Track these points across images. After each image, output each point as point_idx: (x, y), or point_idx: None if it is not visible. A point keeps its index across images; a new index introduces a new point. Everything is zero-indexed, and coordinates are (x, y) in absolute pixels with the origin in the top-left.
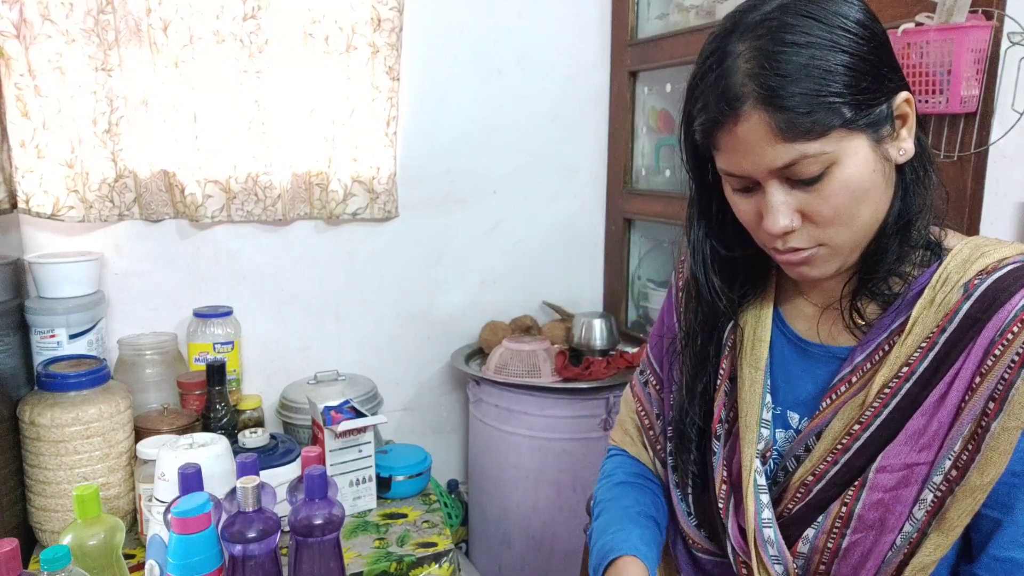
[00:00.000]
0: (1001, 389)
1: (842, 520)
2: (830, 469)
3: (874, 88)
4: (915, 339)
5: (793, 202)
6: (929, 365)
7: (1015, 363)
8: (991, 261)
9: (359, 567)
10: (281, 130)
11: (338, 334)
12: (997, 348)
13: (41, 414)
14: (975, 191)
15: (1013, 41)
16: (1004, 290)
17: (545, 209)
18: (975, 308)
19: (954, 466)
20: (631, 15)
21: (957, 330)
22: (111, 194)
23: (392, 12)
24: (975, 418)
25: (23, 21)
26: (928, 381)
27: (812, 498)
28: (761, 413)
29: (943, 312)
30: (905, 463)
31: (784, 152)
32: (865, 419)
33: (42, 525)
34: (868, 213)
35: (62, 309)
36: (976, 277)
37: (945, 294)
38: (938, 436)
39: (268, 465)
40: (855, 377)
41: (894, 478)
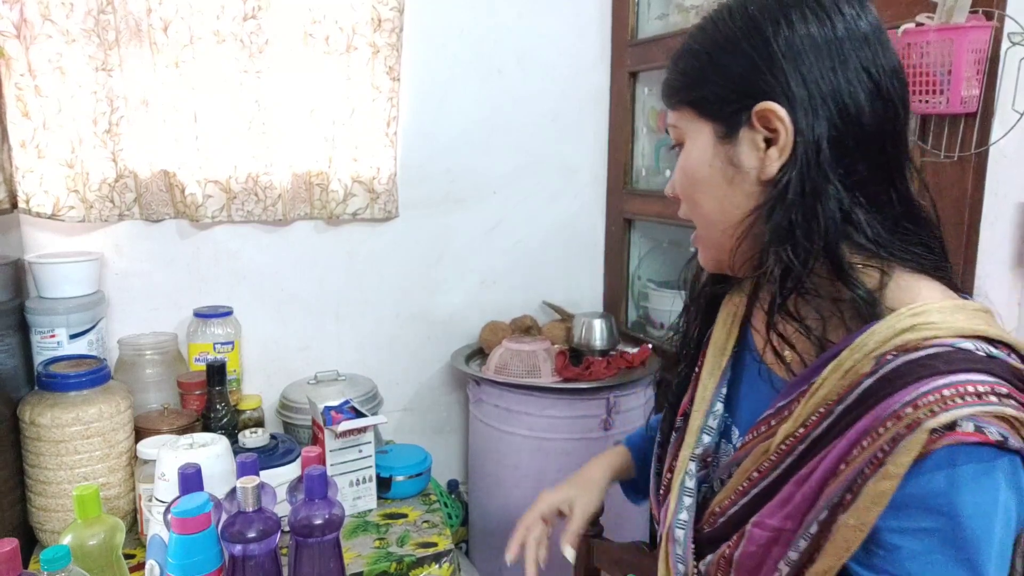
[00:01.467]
0: (858, 483)
1: (725, 561)
2: (730, 508)
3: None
4: (816, 401)
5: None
6: (819, 434)
7: (876, 460)
8: (916, 338)
9: (359, 567)
10: (281, 130)
11: (338, 334)
12: (867, 439)
13: (41, 414)
14: (975, 191)
15: (1013, 41)
16: (903, 376)
17: (545, 209)
18: (873, 387)
19: (809, 546)
20: (631, 15)
21: (852, 404)
22: (111, 194)
23: (392, 12)
24: (831, 505)
25: (23, 21)
26: (810, 450)
27: (715, 531)
28: (706, 420)
29: (849, 381)
30: (774, 526)
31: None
32: (763, 469)
33: (42, 525)
34: (708, 205)
35: (62, 309)
36: (891, 352)
37: (856, 362)
38: (799, 510)
39: (268, 465)
40: (774, 420)
41: (764, 536)
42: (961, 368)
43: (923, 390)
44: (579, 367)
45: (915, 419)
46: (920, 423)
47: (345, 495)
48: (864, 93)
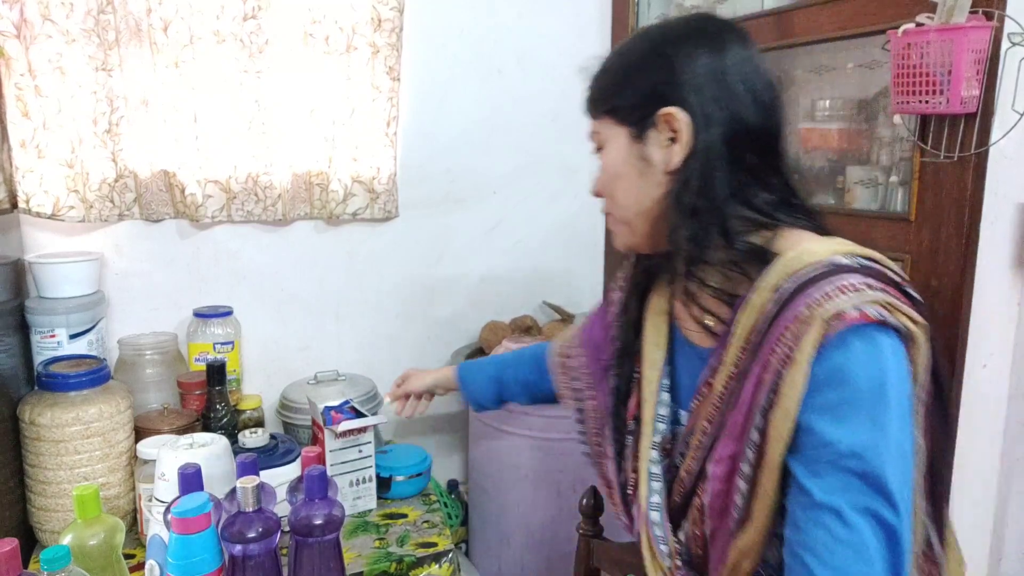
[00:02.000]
0: (777, 382)
1: (699, 512)
2: (694, 467)
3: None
4: (738, 341)
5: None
6: (745, 364)
7: (787, 357)
8: (800, 265)
9: (359, 567)
10: (281, 130)
11: (338, 334)
12: (776, 345)
13: (41, 414)
14: (975, 192)
15: (1013, 42)
16: (798, 292)
17: (545, 209)
18: (775, 309)
19: (755, 455)
20: (631, 15)
21: (764, 331)
22: (111, 194)
23: (392, 12)
24: (762, 411)
25: (23, 21)
26: (742, 378)
27: (687, 492)
28: (656, 409)
29: (758, 314)
30: (728, 455)
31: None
32: (713, 418)
33: (42, 525)
34: (625, 196)
35: (62, 309)
36: (786, 280)
37: (761, 299)
38: (742, 427)
39: (268, 465)
40: (712, 379)
41: (723, 468)
42: (839, 273)
43: (813, 294)
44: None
45: (810, 315)
46: (815, 317)
47: (345, 495)
48: (746, 101)
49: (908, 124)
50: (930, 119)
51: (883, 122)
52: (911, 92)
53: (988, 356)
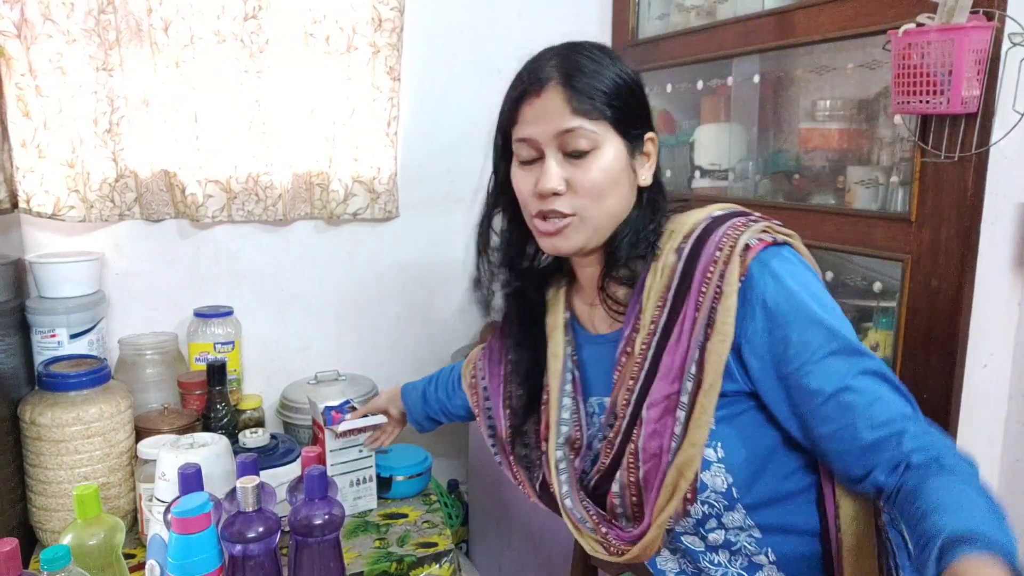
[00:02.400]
0: (711, 316)
1: (633, 456)
2: (623, 423)
3: (633, 113)
4: (652, 302)
5: (564, 171)
6: (667, 317)
7: (718, 292)
8: (689, 227)
9: (359, 567)
10: (282, 130)
11: (338, 334)
12: (704, 286)
13: (42, 414)
14: (975, 192)
15: (1014, 42)
16: (701, 243)
17: None
18: (686, 263)
19: (694, 385)
20: (631, 15)
21: (679, 285)
22: (112, 194)
23: (393, 12)
24: (700, 344)
25: (24, 21)
26: (668, 329)
27: (616, 450)
28: (559, 414)
29: (667, 274)
30: (664, 395)
31: (569, 120)
32: (635, 373)
33: (42, 525)
34: (613, 201)
35: (63, 309)
36: (683, 241)
37: (664, 261)
38: (680, 367)
39: (268, 465)
40: (628, 347)
41: (659, 410)
42: (725, 219)
43: (716, 239)
44: None
45: (726, 255)
46: (731, 254)
47: (345, 495)
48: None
49: (908, 124)
50: (930, 119)
51: (883, 122)
52: (911, 92)
53: (988, 356)
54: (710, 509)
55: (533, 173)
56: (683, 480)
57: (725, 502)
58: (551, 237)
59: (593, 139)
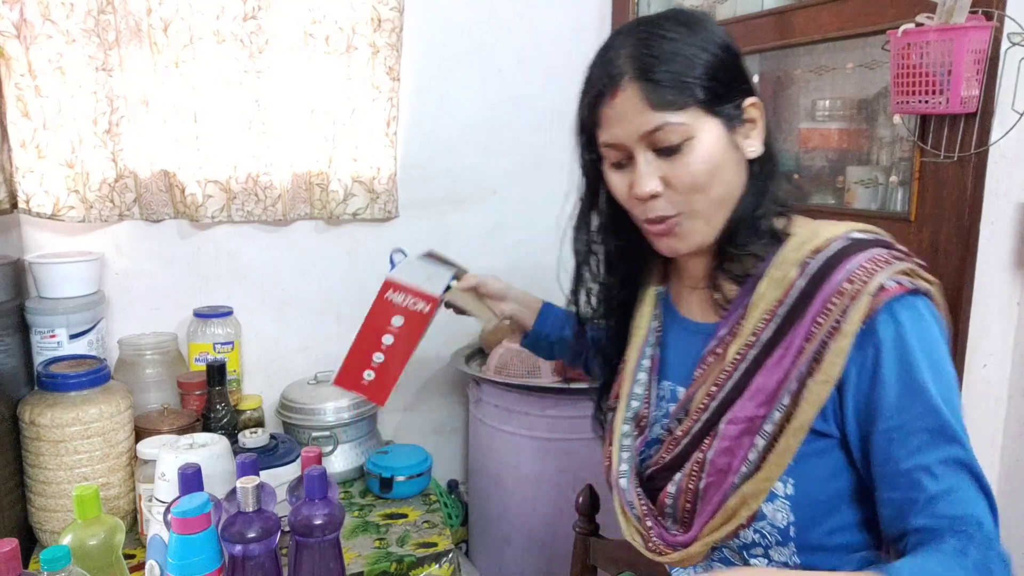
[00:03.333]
0: (821, 351)
1: (698, 465)
2: (694, 426)
3: (725, 86)
4: (760, 312)
5: (658, 170)
6: (771, 334)
7: (834, 329)
8: (821, 241)
9: (359, 567)
10: (281, 130)
11: (338, 334)
12: (821, 317)
13: (41, 414)
14: (975, 191)
15: (1013, 41)
16: (830, 267)
17: (545, 209)
18: (808, 284)
19: (783, 417)
20: (631, 15)
21: (794, 303)
22: (111, 194)
23: (392, 12)
24: (800, 377)
25: (23, 21)
26: (770, 347)
27: (680, 450)
28: (632, 388)
29: (783, 288)
30: (747, 416)
31: (651, 119)
32: (721, 381)
33: (42, 525)
34: (720, 188)
35: (62, 309)
36: (810, 256)
37: (784, 272)
38: (773, 393)
39: (268, 465)
40: (720, 348)
41: (738, 429)
42: (864, 248)
43: (850, 267)
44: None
45: (855, 290)
46: (861, 291)
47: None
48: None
49: (908, 124)
50: (930, 119)
51: (883, 122)
52: (911, 92)
53: (988, 356)
54: (761, 539)
55: (627, 175)
56: (745, 509)
57: (779, 537)
58: (665, 238)
59: (683, 131)
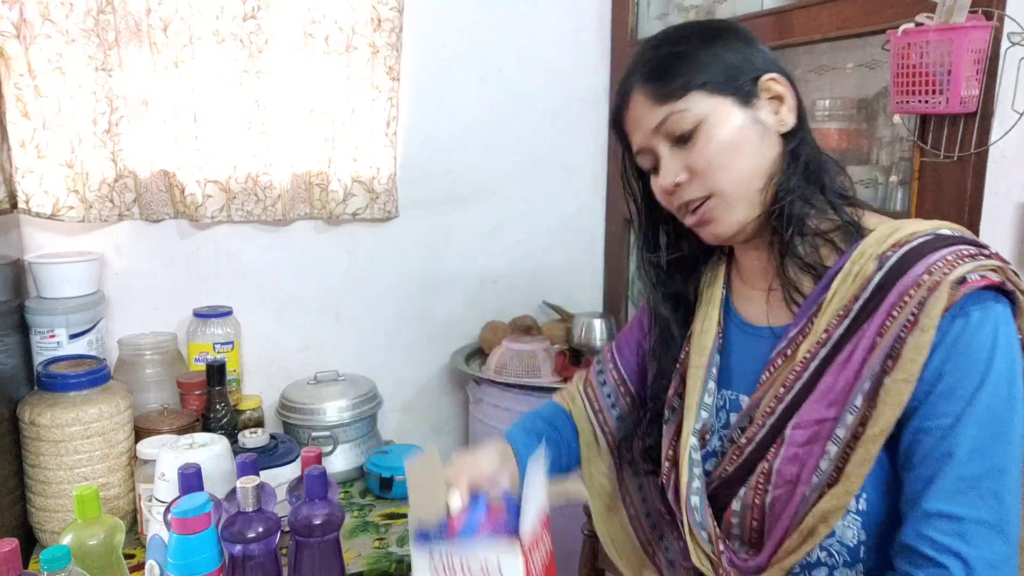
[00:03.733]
0: (896, 347)
1: (764, 476)
2: (759, 432)
3: (731, 66)
4: (834, 308)
5: (679, 160)
6: (844, 330)
7: (910, 323)
8: (903, 235)
9: (359, 567)
10: (281, 130)
11: (338, 334)
12: (896, 310)
13: (41, 414)
14: (975, 191)
15: (1013, 41)
16: (910, 259)
17: (545, 209)
18: (884, 276)
19: (856, 420)
20: (631, 15)
21: (869, 298)
22: (111, 194)
23: (392, 12)
24: (874, 375)
25: (23, 21)
26: (840, 344)
27: (744, 459)
28: (702, 397)
29: (859, 283)
30: (816, 419)
31: (657, 113)
32: (788, 382)
33: (42, 525)
34: (746, 164)
35: (62, 309)
36: (890, 250)
37: (861, 266)
38: (843, 394)
39: (268, 465)
40: (789, 349)
41: (806, 434)
42: (949, 243)
43: (931, 260)
44: (579, 367)
45: (935, 281)
46: (940, 282)
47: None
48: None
49: (908, 124)
50: (930, 119)
51: (883, 122)
52: (911, 92)
53: None
54: (827, 558)
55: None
56: (824, 527)
57: (847, 558)
58: (704, 227)
59: (691, 117)
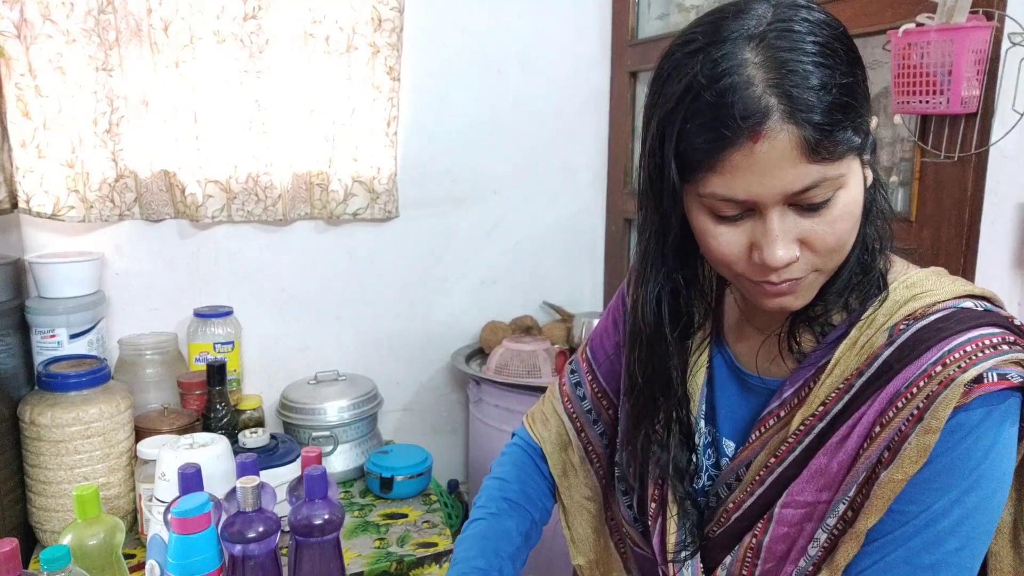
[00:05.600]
0: (897, 440)
1: (752, 551)
2: (747, 500)
3: (866, 113)
4: (835, 380)
5: (796, 230)
6: (842, 407)
7: (913, 416)
8: (921, 306)
9: (359, 567)
10: (281, 130)
11: (338, 334)
12: (901, 400)
13: (41, 414)
14: (975, 191)
15: (1014, 42)
16: (923, 341)
17: (545, 209)
18: (893, 356)
19: (848, 509)
20: (631, 15)
21: (873, 375)
22: (111, 194)
23: (392, 12)
24: (870, 466)
25: (24, 21)
26: (836, 422)
27: (731, 526)
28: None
29: (865, 355)
30: (807, 501)
31: (807, 173)
32: (780, 454)
33: (42, 525)
34: (852, 238)
35: (62, 309)
36: (903, 322)
37: (869, 337)
38: (836, 479)
39: (268, 465)
40: (783, 411)
41: (797, 514)
42: (972, 325)
43: (947, 348)
44: None
45: (947, 376)
46: (953, 378)
47: None
48: None
49: (908, 124)
50: (930, 119)
51: (883, 122)
52: (911, 92)
53: None
54: None
55: (742, 231)
56: None
57: None
58: (779, 298)
59: (837, 184)
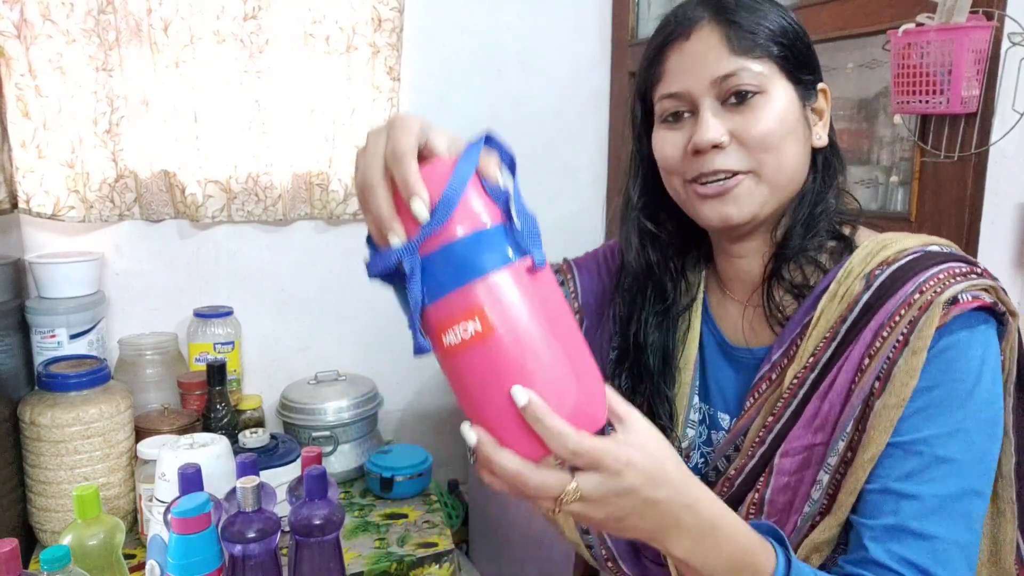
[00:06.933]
0: (886, 368)
1: (755, 507)
2: (748, 463)
3: (800, 55)
4: (820, 331)
5: (725, 122)
6: (831, 353)
7: (899, 343)
8: (891, 252)
9: (359, 567)
10: (281, 130)
11: (338, 334)
12: (885, 330)
13: (41, 414)
14: (975, 191)
15: (1013, 41)
16: (899, 279)
17: (545, 209)
18: (873, 297)
19: (847, 448)
20: (631, 15)
21: (856, 319)
22: (111, 194)
23: (392, 12)
24: (864, 398)
25: (24, 21)
26: (827, 368)
27: (734, 491)
28: (688, 415)
29: (846, 303)
30: (804, 445)
31: (729, 62)
32: (777, 411)
33: (42, 525)
34: (789, 156)
35: (62, 309)
36: (878, 268)
37: (847, 286)
38: (831, 417)
39: (268, 465)
40: (774, 374)
41: (795, 461)
42: (940, 261)
43: (922, 279)
44: None
45: (925, 301)
46: (932, 301)
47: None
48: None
49: (908, 124)
50: (930, 119)
51: (883, 122)
52: (911, 92)
53: None
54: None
55: (682, 131)
56: (817, 556)
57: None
58: (717, 200)
59: (758, 81)
